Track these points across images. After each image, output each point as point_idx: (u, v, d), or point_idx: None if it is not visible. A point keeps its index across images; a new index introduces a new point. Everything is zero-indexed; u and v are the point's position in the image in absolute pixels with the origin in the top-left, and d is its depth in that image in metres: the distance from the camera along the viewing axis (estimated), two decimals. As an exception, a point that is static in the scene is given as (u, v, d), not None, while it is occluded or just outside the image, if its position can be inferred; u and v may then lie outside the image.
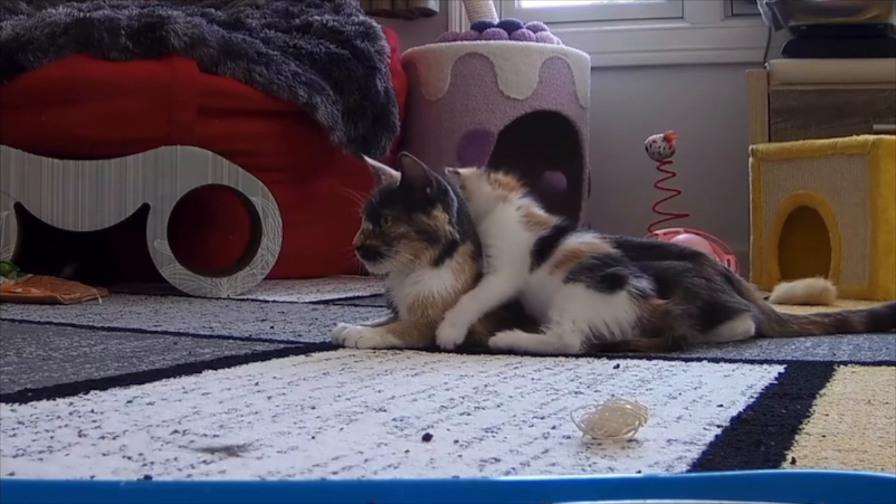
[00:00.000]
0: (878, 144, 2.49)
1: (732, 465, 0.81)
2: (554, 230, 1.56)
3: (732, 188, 3.20)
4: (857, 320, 1.75)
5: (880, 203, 2.48)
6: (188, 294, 2.39)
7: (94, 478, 0.74)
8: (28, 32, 2.55)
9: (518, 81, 3.27)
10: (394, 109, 3.02)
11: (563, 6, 3.95)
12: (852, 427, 0.96)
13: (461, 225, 1.53)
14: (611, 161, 3.63)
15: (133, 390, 1.10)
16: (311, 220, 2.94)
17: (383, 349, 1.48)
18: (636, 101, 3.70)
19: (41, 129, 2.52)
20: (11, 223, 2.32)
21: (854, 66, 2.98)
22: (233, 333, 1.68)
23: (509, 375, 1.26)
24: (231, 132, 2.71)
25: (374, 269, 1.53)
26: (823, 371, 1.30)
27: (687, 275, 1.57)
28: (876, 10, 3.00)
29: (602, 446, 0.87)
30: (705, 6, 3.69)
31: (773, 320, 1.70)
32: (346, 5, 3.19)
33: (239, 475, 0.76)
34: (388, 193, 1.53)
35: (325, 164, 2.97)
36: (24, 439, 0.85)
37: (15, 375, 1.18)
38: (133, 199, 2.39)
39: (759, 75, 3.05)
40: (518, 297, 1.54)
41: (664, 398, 1.11)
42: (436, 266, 1.51)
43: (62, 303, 2.10)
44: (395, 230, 1.50)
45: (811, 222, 2.65)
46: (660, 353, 1.45)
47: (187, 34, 2.64)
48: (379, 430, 0.92)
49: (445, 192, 1.53)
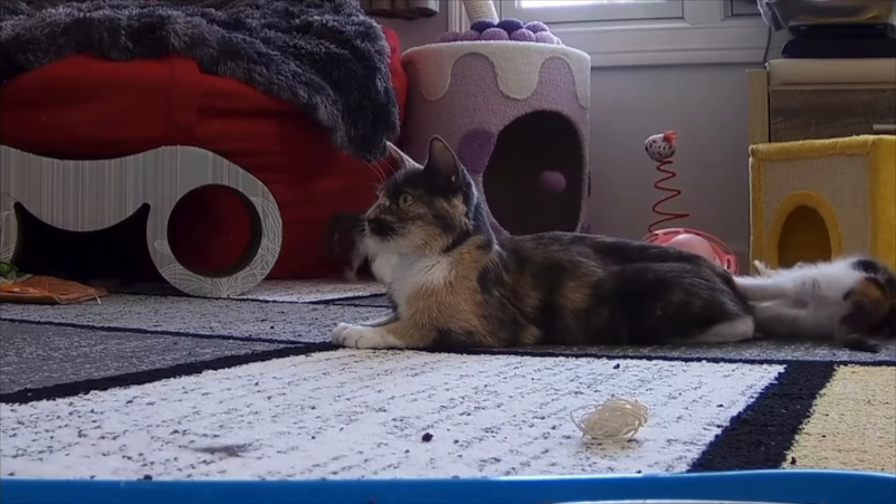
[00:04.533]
0: (878, 144, 2.48)
1: (732, 465, 0.81)
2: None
3: (732, 188, 3.20)
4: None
5: (880, 203, 2.48)
6: (188, 294, 2.39)
7: (94, 478, 0.74)
8: (28, 32, 2.55)
9: (518, 81, 3.27)
10: (394, 109, 3.02)
11: (563, 6, 3.95)
12: (852, 427, 0.96)
13: (476, 220, 1.53)
14: (611, 161, 3.63)
15: (133, 390, 1.10)
16: (311, 220, 2.94)
17: (383, 349, 1.48)
18: (636, 101, 3.70)
19: (41, 129, 2.52)
20: (11, 223, 2.32)
21: (854, 66, 2.98)
22: (233, 333, 1.68)
23: (509, 375, 1.26)
24: (231, 132, 2.71)
25: (380, 247, 1.52)
26: (823, 371, 1.31)
27: (686, 276, 1.58)
28: (876, 10, 3.00)
29: (602, 446, 0.87)
30: (705, 6, 3.69)
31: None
32: (346, 5, 3.19)
33: (239, 475, 0.76)
34: (413, 174, 1.53)
35: (325, 164, 2.97)
36: (24, 439, 0.85)
37: (15, 375, 1.18)
38: (133, 199, 2.39)
39: (759, 75, 3.05)
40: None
41: (664, 398, 1.11)
42: (446, 253, 1.51)
43: (59, 303, 2.10)
44: (414, 210, 1.50)
45: (811, 222, 2.65)
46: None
47: (187, 34, 2.64)
48: (379, 430, 0.92)
49: (469, 185, 1.53)
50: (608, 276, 1.57)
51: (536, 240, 1.63)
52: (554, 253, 1.59)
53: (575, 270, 1.57)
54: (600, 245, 1.64)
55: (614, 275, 1.58)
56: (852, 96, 2.94)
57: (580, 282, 1.57)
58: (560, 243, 1.61)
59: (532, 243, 1.61)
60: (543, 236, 1.65)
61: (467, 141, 3.24)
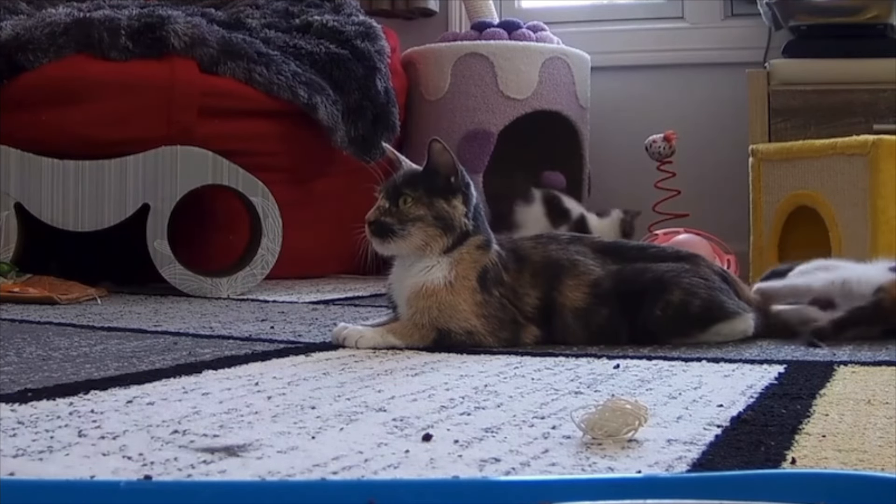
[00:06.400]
0: (878, 144, 2.48)
1: (732, 465, 0.81)
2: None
3: (732, 188, 3.20)
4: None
5: (880, 203, 2.48)
6: (188, 294, 2.39)
7: (94, 478, 0.74)
8: (28, 32, 2.55)
9: (518, 81, 3.27)
10: (394, 109, 3.02)
11: (563, 6, 3.95)
12: (852, 427, 0.96)
13: (476, 221, 1.54)
14: (611, 161, 3.63)
15: (133, 390, 1.10)
16: (311, 220, 2.94)
17: (383, 349, 1.48)
18: (636, 101, 3.70)
19: (41, 129, 2.52)
20: (11, 223, 2.32)
21: (854, 66, 2.98)
22: (233, 333, 1.68)
23: (509, 375, 1.26)
24: (231, 132, 2.71)
25: (381, 249, 1.52)
26: (823, 371, 1.31)
27: (685, 275, 1.58)
28: (876, 10, 3.00)
29: (602, 446, 0.87)
30: (705, 6, 3.68)
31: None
32: (346, 5, 3.19)
33: (239, 475, 0.76)
34: (412, 175, 1.54)
35: (325, 164, 2.97)
36: (24, 439, 0.85)
37: (15, 375, 1.18)
38: (133, 199, 2.39)
39: (759, 75, 3.05)
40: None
41: (664, 398, 1.11)
42: (446, 254, 1.51)
43: (59, 303, 2.10)
44: (414, 212, 1.50)
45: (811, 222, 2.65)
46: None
47: (187, 34, 2.64)
48: (379, 430, 0.92)
49: (468, 186, 1.53)
50: (607, 275, 1.58)
51: (535, 239, 1.63)
52: (552, 252, 1.59)
53: (573, 269, 1.57)
54: (598, 245, 1.64)
55: (613, 274, 1.58)
56: (852, 96, 2.94)
57: (579, 281, 1.57)
58: (558, 243, 1.61)
59: (531, 243, 1.62)
60: (542, 236, 1.65)
61: (467, 141, 3.24)
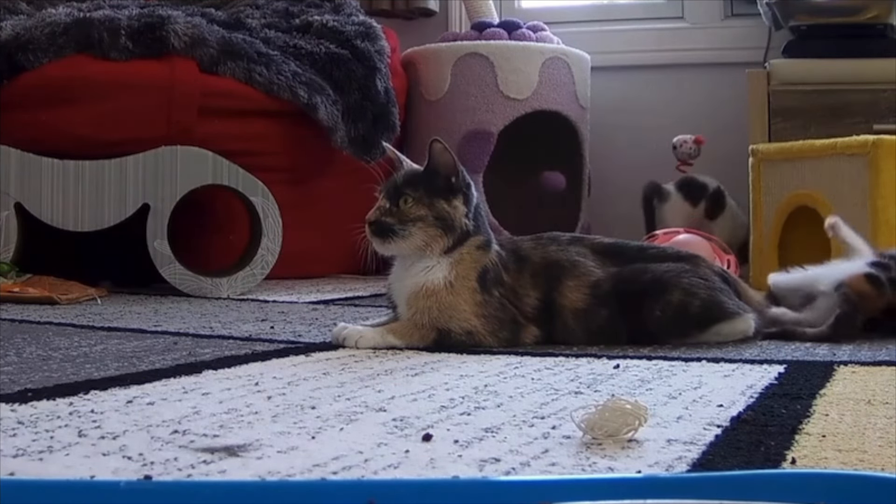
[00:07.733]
0: (878, 144, 2.48)
1: (732, 465, 0.81)
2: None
3: (732, 188, 3.20)
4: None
5: (880, 203, 2.48)
6: (188, 294, 2.39)
7: (94, 478, 0.74)
8: (28, 32, 2.55)
9: (518, 81, 3.27)
10: (394, 109, 3.02)
11: (563, 6, 3.95)
12: (852, 427, 0.96)
13: (476, 221, 1.54)
14: (611, 161, 3.63)
15: (133, 390, 1.10)
16: (311, 220, 2.94)
17: (383, 349, 1.48)
18: (636, 101, 3.70)
19: (41, 129, 2.52)
20: (11, 223, 2.32)
21: (854, 66, 2.98)
22: (233, 333, 1.68)
23: (509, 375, 1.26)
24: (231, 132, 2.71)
25: (382, 249, 1.52)
26: (823, 371, 1.31)
27: (685, 275, 1.58)
28: (876, 10, 3.00)
29: (602, 446, 0.87)
30: (705, 6, 3.69)
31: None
32: (346, 5, 3.19)
33: (239, 475, 0.76)
34: (413, 175, 1.54)
35: (325, 164, 2.97)
36: (24, 439, 0.85)
37: (15, 375, 1.18)
38: (133, 199, 2.39)
39: (759, 75, 3.05)
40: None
41: (664, 398, 1.11)
42: (446, 254, 1.51)
43: (59, 303, 2.10)
44: (415, 212, 1.50)
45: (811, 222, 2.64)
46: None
47: (187, 34, 2.64)
48: (379, 430, 0.92)
49: (469, 186, 1.53)
50: (607, 276, 1.57)
51: (535, 240, 1.63)
52: (552, 253, 1.59)
53: (573, 270, 1.57)
54: (598, 246, 1.64)
55: (613, 275, 1.58)
56: (852, 96, 2.94)
57: (579, 281, 1.57)
58: (558, 243, 1.61)
59: (531, 243, 1.62)
60: (542, 236, 1.65)
61: (467, 141, 3.24)
